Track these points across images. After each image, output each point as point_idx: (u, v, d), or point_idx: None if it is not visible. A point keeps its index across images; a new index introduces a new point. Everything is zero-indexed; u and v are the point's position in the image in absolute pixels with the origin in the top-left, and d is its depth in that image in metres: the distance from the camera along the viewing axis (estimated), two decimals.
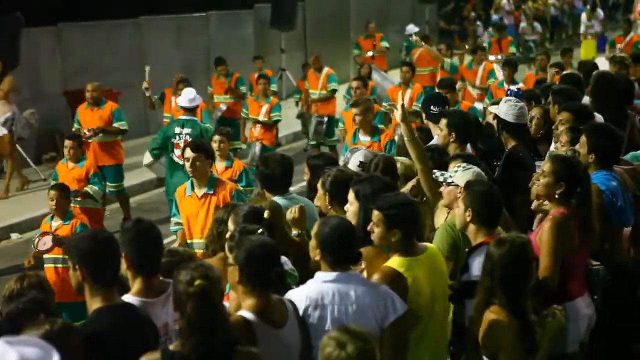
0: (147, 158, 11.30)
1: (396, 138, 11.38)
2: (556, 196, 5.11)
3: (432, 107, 7.61)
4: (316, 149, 14.28)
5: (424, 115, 7.69)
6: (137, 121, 15.91)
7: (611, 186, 5.69)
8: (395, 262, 4.60)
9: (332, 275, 4.35)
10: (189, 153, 7.19)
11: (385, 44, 19.02)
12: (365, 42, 19.17)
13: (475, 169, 5.44)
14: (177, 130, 10.42)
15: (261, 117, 12.84)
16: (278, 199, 6.05)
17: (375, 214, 4.66)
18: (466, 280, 4.86)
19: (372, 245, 4.81)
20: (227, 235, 4.81)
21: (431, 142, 7.14)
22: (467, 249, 5.01)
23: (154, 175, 12.73)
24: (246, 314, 4.03)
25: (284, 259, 5.01)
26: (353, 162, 6.49)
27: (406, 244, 4.65)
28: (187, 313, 3.67)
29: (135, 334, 4.03)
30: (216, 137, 8.96)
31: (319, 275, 4.42)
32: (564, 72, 9.47)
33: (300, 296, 4.34)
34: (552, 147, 6.85)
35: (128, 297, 4.30)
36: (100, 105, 11.55)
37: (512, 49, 18.23)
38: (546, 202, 5.37)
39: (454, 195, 5.38)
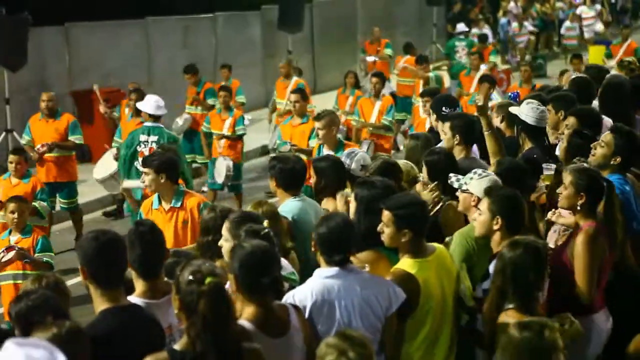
0: (100, 173, 10.90)
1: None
2: (578, 208, 5.09)
3: (443, 109, 7.59)
4: None
5: (434, 117, 7.64)
6: None
7: (625, 190, 5.68)
8: (405, 264, 4.62)
9: (333, 270, 4.42)
10: (141, 168, 7.00)
11: (388, 51, 18.74)
12: (371, 47, 19.11)
13: (492, 176, 5.40)
14: (143, 137, 9.79)
15: (225, 132, 12.15)
16: (290, 202, 6.04)
17: (385, 214, 4.68)
18: (487, 288, 4.81)
19: (372, 249, 4.84)
20: (223, 242, 4.80)
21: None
22: (488, 257, 4.96)
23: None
24: (245, 323, 4.02)
25: (284, 262, 5.01)
26: (355, 165, 6.47)
27: (416, 244, 4.67)
28: (200, 311, 3.64)
29: (141, 335, 4.02)
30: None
31: (319, 272, 4.47)
32: (573, 76, 9.43)
33: (305, 294, 4.37)
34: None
35: (133, 299, 4.31)
36: (55, 116, 11.03)
37: (492, 58, 17.93)
38: (562, 213, 5.37)
39: (468, 203, 5.36)
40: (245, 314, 4.06)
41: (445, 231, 5.55)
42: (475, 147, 6.95)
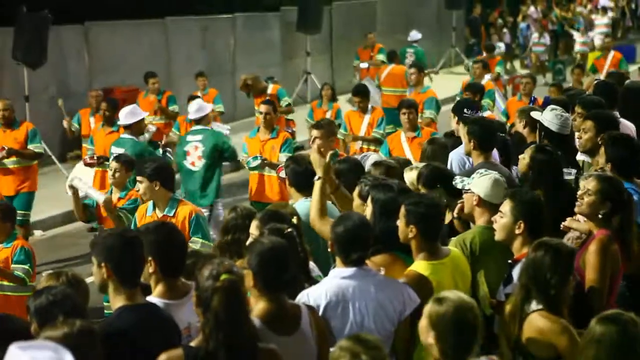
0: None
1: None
2: (599, 216, 5.05)
3: (465, 111, 7.56)
4: None
5: (454, 120, 7.60)
6: None
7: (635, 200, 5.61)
8: (419, 266, 4.62)
9: (350, 271, 4.41)
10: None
11: (381, 57, 18.08)
12: (364, 53, 18.64)
13: (494, 174, 5.39)
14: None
15: None
16: (302, 202, 6.04)
17: (402, 208, 4.71)
18: (509, 292, 4.77)
19: (387, 252, 4.83)
20: (252, 239, 4.80)
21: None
22: (509, 261, 4.92)
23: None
24: (254, 319, 4.01)
25: (312, 265, 5.02)
26: (367, 169, 6.47)
27: (426, 244, 4.69)
28: (213, 308, 3.67)
29: (157, 333, 4.03)
30: (113, 165, 7.86)
31: (336, 272, 4.47)
32: (596, 80, 9.38)
33: (319, 293, 4.37)
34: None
35: (151, 299, 4.33)
36: (13, 126, 10.43)
37: (498, 69, 17.57)
38: (579, 219, 5.32)
39: (470, 203, 5.34)
40: (256, 310, 4.07)
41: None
42: (496, 153, 6.92)
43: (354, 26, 22.20)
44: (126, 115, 9.47)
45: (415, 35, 20.64)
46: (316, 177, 5.57)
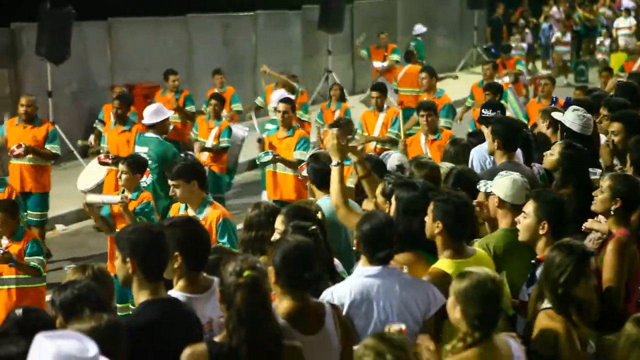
0: (85, 183, 10.13)
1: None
2: (612, 212, 5.05)
3: (483, 111, 7.55)
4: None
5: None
6: None
7: None
8: (444, 264, 4.62)
9: (375, 269, 4.40)
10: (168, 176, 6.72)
11: (395, 57, 18.07)
12: (377, 53, 18.53)
13: (515, 175, 5.37)
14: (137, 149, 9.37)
15: (209, 142, 11.28)
16: (324, 199, 6.04)
17: (431, 203, 4.72)
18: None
19: (410, 250, 4.82)
20: (277, 235, 4.81)
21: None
22: (532, 261, 4.92)
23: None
24: (277, 317, 4.01)
25: (336, 261, 5.02)
26: (389, 167, 6.46)
27: (451, 242, 4.68)
28: (236, 304, 3.68)
29: (180, 327, 4.03)
30: (120, 167, 7.89)
31: (361, 270, 4.46)
32: (619, 81, 9.33)
33: (344, 291, 4.37)
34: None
35: (174, 292, 4.34)
36: (34, 122, 10.31)
37: (519, 67, 17.15)
38: (600, 220, 5.31)
39: (493, 205, 5.33)
40: (280, 309, 4.07)
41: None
42: (519, 152, 6.89)
43: (375, 25, 22.16)
44: (151, 114, 9.37)
45: (419, 28, 20.61)
46: (333, 163, 5.56)
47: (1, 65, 14.59)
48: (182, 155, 9.53)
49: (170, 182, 6.60)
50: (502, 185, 5.28)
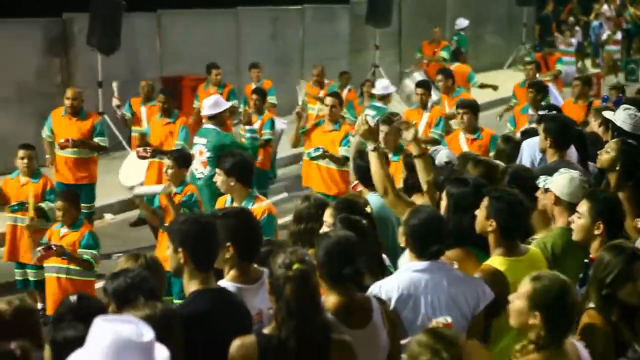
0: (129, 178, 9.75)
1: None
2: None
3: (540, 112, 7.50)
4: None
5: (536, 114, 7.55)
6: None
7: None
8: (496, 261, 4.59)
9: (423, 264, 4.38)
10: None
11: (444, 54, 17.93)
12: (429, 47, 18.44)
13: (573, 173, 5.33)
14: (196, 139, 9.40)
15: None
16: (371, 195, 6.04)
17: (484, 199, 4.69)
18: None
19: (461, 247, 4.80)
20: (326, 228, 4.82)
21: None
22: (585, 260, 4.88)
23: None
24: (325, 312, 4.02)
25: (383, 256, 5.02)
26: (438, 162, 6.44)
27: (504, 240, 4.63)
28: (285, 296, 3.70)
29: (229, 317, 4.06)
30: (166, 161, 7.90)
31: (408, 265, 4.45)
32: None
33: (391, 286, 4.36)
34: None
35: (224, 283, 4.36)
36: (80, 115, 10.17)
37: (559, 66, 16.76)
38: None
39: (549, 202, 5.29)
40: (327, 304, 4.07)
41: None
42: (574, 151, 6.84)
43: (424, 20, 22.10)
44: (210, 105, 9.42)
45: (462, 22, 20.46)
46: (370, 148, 5.53)
47: (53, 55, 14.76)
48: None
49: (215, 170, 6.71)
50: (559, 183, 5.24)
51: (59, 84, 14.61)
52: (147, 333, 2.99)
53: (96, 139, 10.15)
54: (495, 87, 15.49)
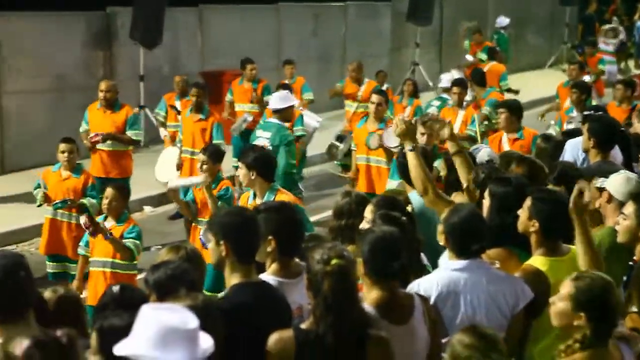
0: (165, 174, 9.94)
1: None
2: None
3: (585, 113, 7.45)
4: (345, 170, 11.95)
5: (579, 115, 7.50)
6: None
7: None
8: (537, 261, 4.57)
9: (462, 263, 4.38)
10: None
11: (482, 55, 17.59)
12: (474, 47, 18.36)
13: (630, 174, 5.34)
14: (258, 133, 9.38)
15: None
16: (413, 194, 6.03)
17: (527, 199, 4.67)
18: None
19: (503, 246, 4.77)
20: (366, 224, 4.83)
21: None
22: (630, 262, 4.85)
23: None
24: (367, 307, 4.03)
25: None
26: (479, 160, 6.42)
27: (546, 241, 4.61)
28: (323, 292, 3.71)
29: (270, 311, 4.07)
30: (200, 156, 7.90)
31: (447, 264, 4.44)
32: None
33: (431, 284, 4.36)
34: None
35: (265, 276, 4.37)
36: (114, 108, 10.11)
37: (601, 67, 16.60)
38: None
39: (603, 200, 5.27)
40: (369, 299, 4.08)
41: None
42: (618, 152, 6.79)
43: (465, 19, 22.00)
44: (278, 100, 9.45)
45: (502, 21, 20.29)
46: (408, 148, 5.52)
47: (96, 48, 14.90)
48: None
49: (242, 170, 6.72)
50: (615, 182, 5.23)
51: (101, 78, 14.70)
52: (192, 321, 3.04)
53: (129, 132, 10.11)
54: (516, 92, 15.34)
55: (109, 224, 7.36)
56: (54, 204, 8.22)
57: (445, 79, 12.63)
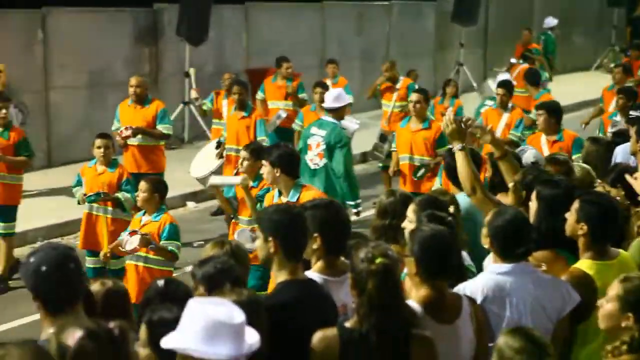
0: (198, 169, 9.88)
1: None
2: None
3: (631, 112, 7.36)
4: (384, 172, 11.87)
5: (623, 120, 7.42)
6: None
7: None
8: (585, 264, 4.52)
9: (507, 267, 4.34)
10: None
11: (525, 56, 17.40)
12: (519, 49, 18.13)
13: None
14: (313, 130, 9.44)
15: None
16: (461, 196, 6.00)
17: (575, 202, 4.62)
18: None
19: (550, 249, 4.73)
20: (407, 223, 4.81)
21: None
22: None
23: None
24: (414, 305, 4.01)
25: (463, 254, 4.99)
26: (524, 163, 6.37)
27: (594, 244, 4.55)
28: (367, 290, 3.70)
29: (316, 309, 4.07)
30: (242, 153, 7.85)
31: (493, 267, 4.41)
32: None
33: (476, 288, 4.33)
34: None
35: (310, 274, 4.37)
36: (144, 103, 10.12)
37: None
38: None
39: None
40: (417, 297, 4.06)
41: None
42: None
43: (511, 20, 21.86)
44: (333, 99, 9.48)
45: (550, 21, 20.07)
46: (458, 147, 5.48)
47: (143, 44, 15.04)
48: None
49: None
50: None
51: (147, 73, 14.88)
52: (238, 315, 3.06)
53: (159, 126, 10.08)
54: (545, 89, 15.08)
55: (146, 218, 7.33)
56: (87, 197, 8.31)
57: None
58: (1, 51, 11.26)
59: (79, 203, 8.54)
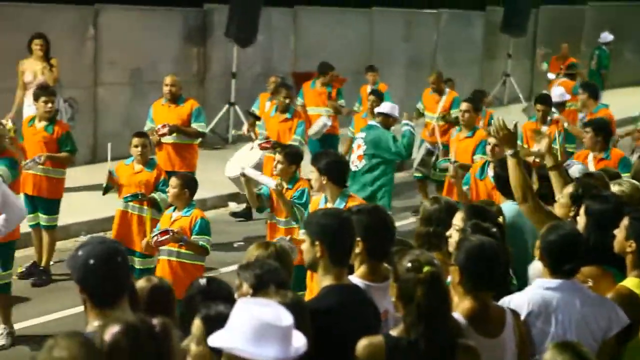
0: (232, 169, 9.91)
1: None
2: None
3: None
4: (420, 182, 12.15)
5: None
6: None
7: None
8: (632, 282, 4.48)
9: (555, 282, 4.31)
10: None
11: (569, 71, 17.07)
12: (555, 64, 17.71)
13: None
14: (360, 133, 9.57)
15: None
16: (509, 205, 5.95)
17: (625, 219, 4.57)
18: None
19: (597, 265, 4.67)
20: (453, 232, 4.78)
21: None
22: None
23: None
24: (459, 318, 3.99)
25: None
26: (571, 176, 6.31)
27: None
28: (416, 299, 3.67)
29: (359, 314, 4.06)
30: (277, 156, 7.91)
31: (540, 282, 4.37)
32: None
33: (522, 301, 4.29)
34: None
35: (353, 278, 4.35)
36: (178, 102, 10.14)
37: None
38: None
39: None
40: (461, 309, 4.03)
41: None
42: None
43: (560, 32, 21.64)
44: (390, 107, 9.67)
45: (606, 36, 19.79)
46: (509, 153, 5.41)
47: (192, 44, 15.14)
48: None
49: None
50: None
51: (195, 73, 14.98)
52: (287, 318, 3.06)
53: (194, 125, 10.09)
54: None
55: (176, 214, 7.36)
56: (125, 198, 8.32)
57: (557, 94, 11.95)
58: (53, 46, 11.35)
59: (104, 193, 8.66)
